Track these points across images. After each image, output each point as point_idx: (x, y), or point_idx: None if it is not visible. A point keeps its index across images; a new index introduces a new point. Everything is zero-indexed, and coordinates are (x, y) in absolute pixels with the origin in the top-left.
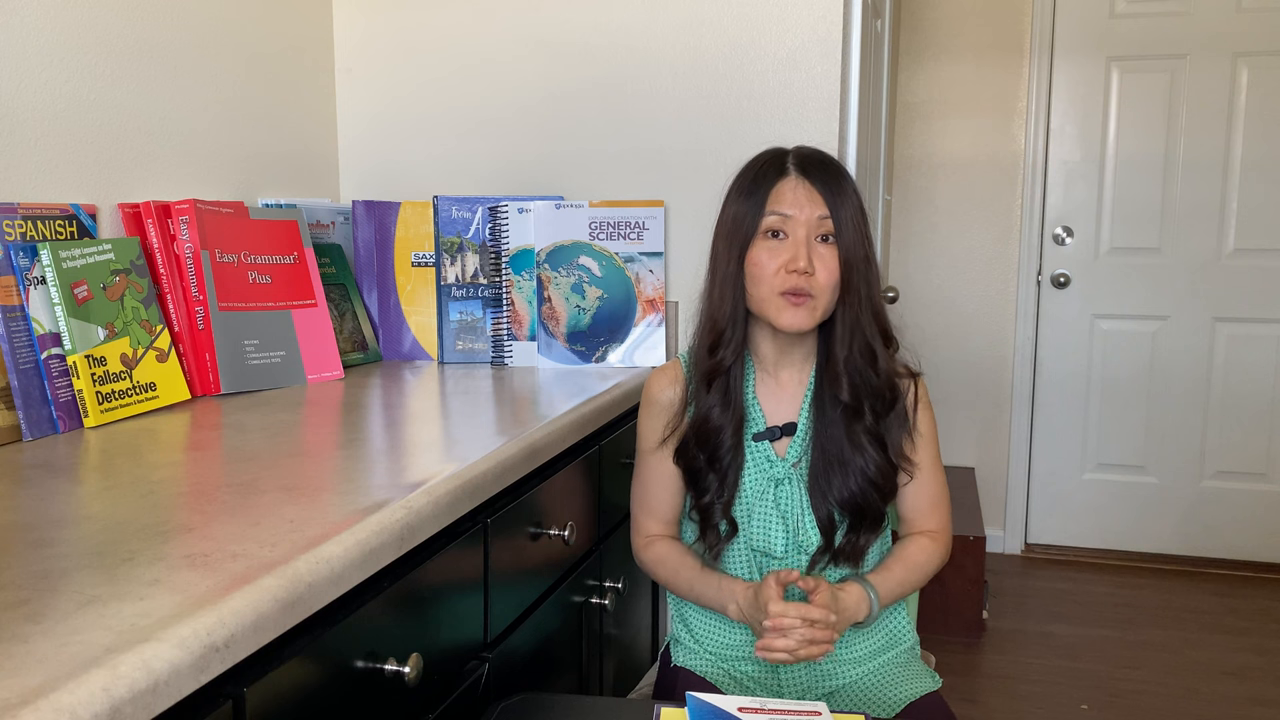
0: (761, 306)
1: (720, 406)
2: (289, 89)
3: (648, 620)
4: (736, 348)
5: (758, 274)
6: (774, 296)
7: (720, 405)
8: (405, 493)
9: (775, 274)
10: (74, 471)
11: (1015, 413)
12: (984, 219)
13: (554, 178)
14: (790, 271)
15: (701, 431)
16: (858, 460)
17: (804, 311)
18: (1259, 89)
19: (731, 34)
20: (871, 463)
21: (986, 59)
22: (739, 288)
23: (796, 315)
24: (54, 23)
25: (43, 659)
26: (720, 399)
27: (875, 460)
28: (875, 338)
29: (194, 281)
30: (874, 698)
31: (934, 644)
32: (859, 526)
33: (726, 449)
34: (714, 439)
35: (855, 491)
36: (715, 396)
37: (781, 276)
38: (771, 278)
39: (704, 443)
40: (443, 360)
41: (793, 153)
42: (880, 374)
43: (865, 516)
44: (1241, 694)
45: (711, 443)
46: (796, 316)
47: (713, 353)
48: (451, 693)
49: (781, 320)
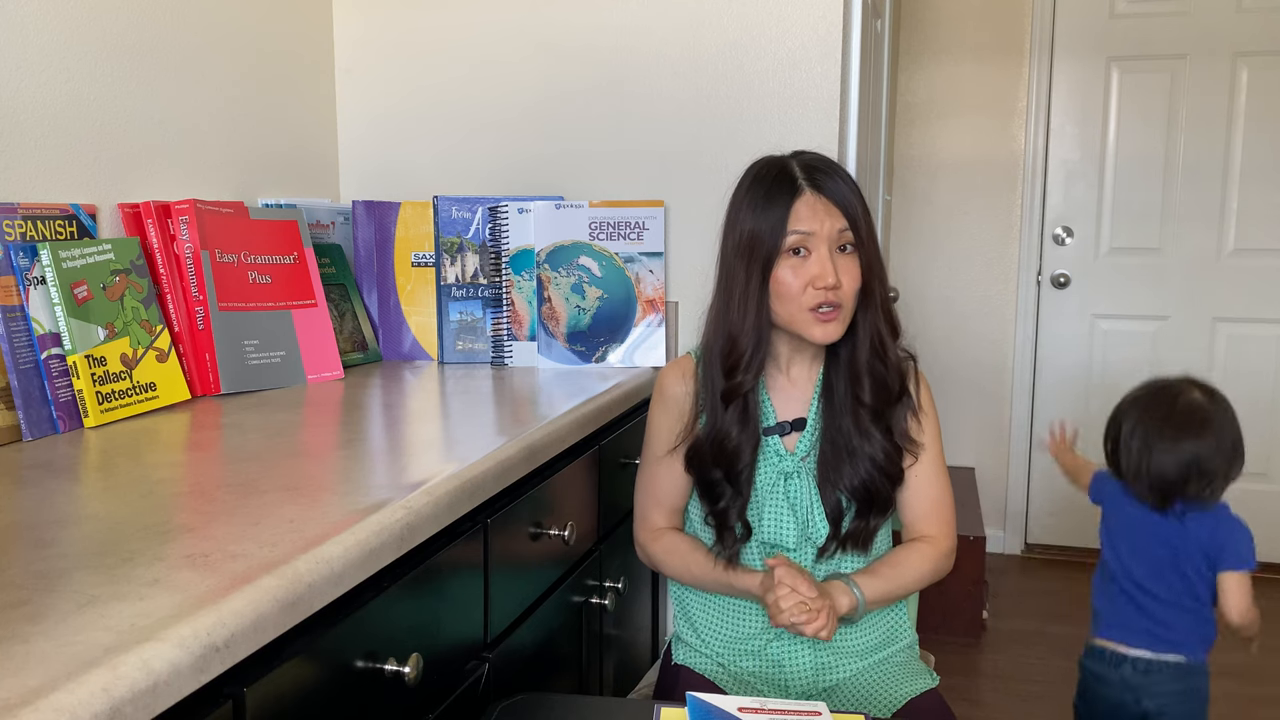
0: (790, 323)
1: (739, 425)
2: (289, 89)
3: (648, 620)
4: (757, 370)
5: (784, 293)
6: (803, 313)
7: (739, 425)
8: (405, 493)
9: (803, 291)
10: (74, 471)
11: (1015, 413)
12: (984, 219)
13: (554, 178)
14: (818, 288)
15: (719, 450)
16: (866, 448)
17: (834, 324)
18: (1259, 89)
19: (731, 34)
20: (879, 449)
21: (986, 59)
22: (763, 306)
23: (828, 330)
24: (54, 23)
25: (43, 659)
26: (739, 417)
27: (883, 445)
28: (885, 332)
29: (194, 281)
30: (873, 695)
31: (934, 644)
32: (867, 512)
33: (745, 464)
34: (733, 457)
35: (865, 478)
36: (734, 414)
37: (810, 293)
38: (799, 295)
39: (720, 459)
40: (443, 360)
41: (797, 165)
42: (889, 365)
43: (874, 502)
44: (1241, 694)
45: (729, 459)
46: (828, 331)
47: (730, 375)
48: (451, 693)
49: (814, 335)
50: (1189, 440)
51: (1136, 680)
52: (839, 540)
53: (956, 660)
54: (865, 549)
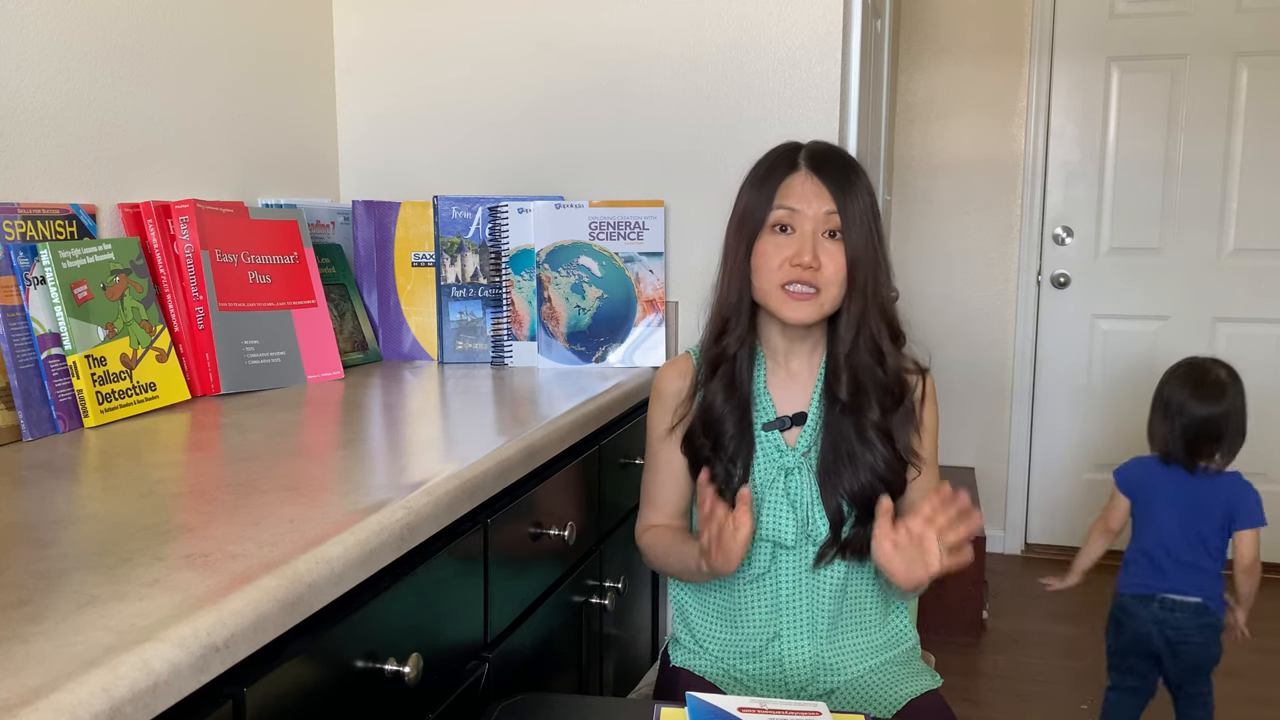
0: (765, 299)
1: (724, 394)
2: (289, 89)
3: (648, 620)
4: (741, 336)
5: (762, 266)
6: (776, 289)
7: (724, 393)
8: (405, 493)
9: (779, 267)
10: (74, 471)
11: (1015, 413)
12: (984, 219)
13: (554, 178)
14: (794, 265)
15: (707, 419)
16: (867, 455)
17: (806, 305)
18: (1259, 89)
19: (731, 34)
20: (880, 458)
21: (986, 59)
22: (745, 279)
23: (798, 309)
24: (54, 23)
25: (43, 659)
26: (724, 386)
27: (884, 455)
28: (882, 335)
29: (194, 281)
30: (875, 697)
31: (934, 644)
32: (867, 519)
33: (730, 436)
34: (718, 426)
35: (865, 485)
36: (719, 384)
37: (785, 269)
38: (775, 270)
39: (709, 430)
40: (443, 360)
41: (805, 148)
42: (888, 371)
43: (874, 510)
44: (1241, 694)
45: (715, 430)
46: (798, 310)
47: (718, 341)
48: (451, 693)
49: (784, 313)
50: (1213, 404)
51: (1162, 615)
52: (838, 547)
53: (956, 660)
54: (864, 558)
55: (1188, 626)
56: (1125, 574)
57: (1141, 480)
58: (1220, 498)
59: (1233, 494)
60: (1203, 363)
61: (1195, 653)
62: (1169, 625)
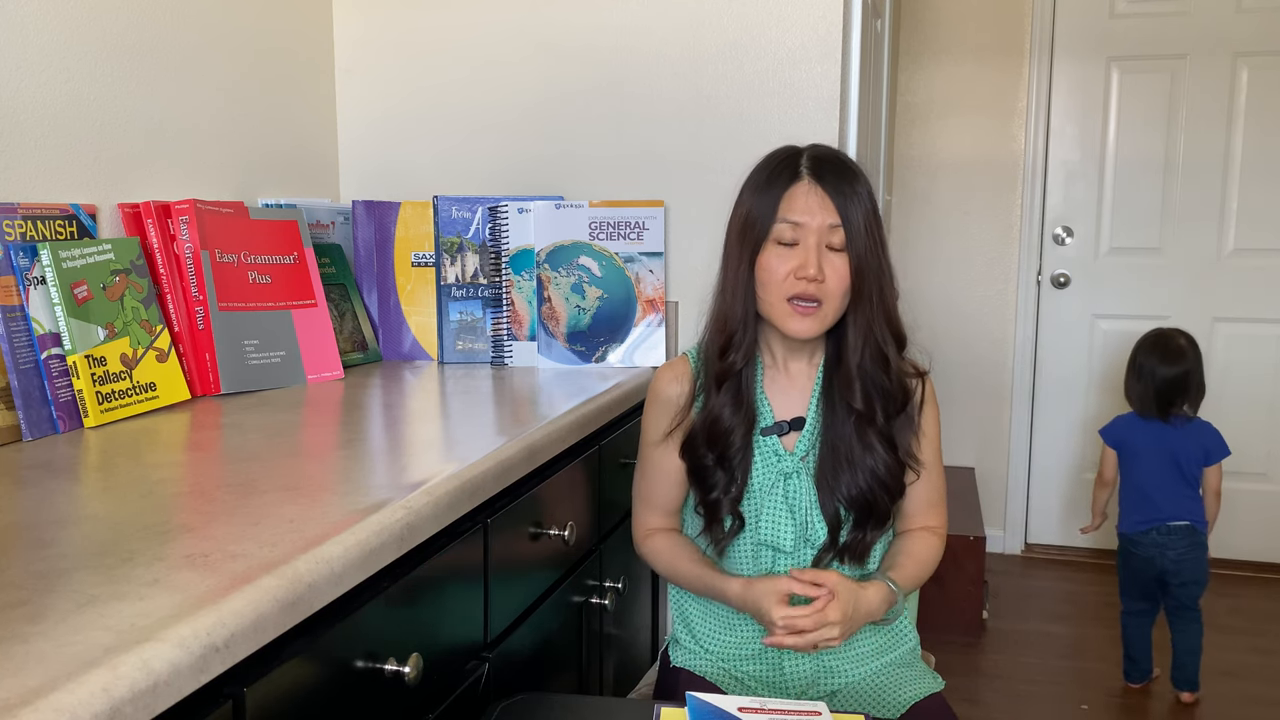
0: (769, 311)
1: (731, 407)
2: (289, 89)
3: (648, 620)
4: (748, 351)
5: (767, 279)
6: (781, 303)
7: (731, 406)
8: (405, 493)
9: (784, 280)
10: (74, 471)
11: (1015, 413)
12: (984, 219)
13: (554, 178)
14: (799, 278)
15: (712, 432)
16: (867, 460)
17: (810, 320)
18: (1259, 89)
19: (731, 34)
20: (881, 462)
21: (986, 59)
22: (749, 291)
23: (803, 323)
24: (54, 23)
25: (43, 659)
26: (731, 399)
27: (885, 460)
28: (887, 341)
29: (194, 281)
30: (877, 699)
31: (934, 644)
32: (865, 524)
33: (736, 449)
34: (724, 439)
35: (864, 489)
36: (726, 397)
37: (790, 282)
38: (780, 283)
39: (714, 442)
40: (443, 360)
41: (806, 154)
42: (892, 377)
43: (873, 514)
44: (1241, 694)
45: (722, 443)
46: (803, 324)
47: (724, 355)
48: (451, 693)
49: (789, 328)
50: (1177, 365)
51: (1161, 539)
52: (835, 551)
53: (956, 660)
54: (862, 562)
55: (1182, 545)
56: (1124, 515)
57: (1125, 434)
58: (1195, 439)
59: (1205, 435)
60: (1167, 333)
61: (1191, 569)
62: (1168, 548)
